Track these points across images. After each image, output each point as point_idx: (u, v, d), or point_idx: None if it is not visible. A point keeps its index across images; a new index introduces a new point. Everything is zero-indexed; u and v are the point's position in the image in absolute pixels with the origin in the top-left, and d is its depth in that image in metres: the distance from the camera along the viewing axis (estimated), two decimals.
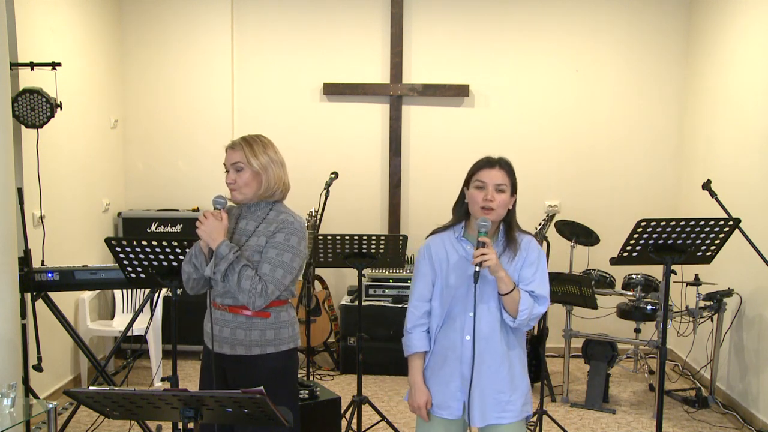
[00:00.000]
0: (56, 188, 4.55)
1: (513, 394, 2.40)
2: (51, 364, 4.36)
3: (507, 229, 2.42)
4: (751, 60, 4.61)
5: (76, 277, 3.78)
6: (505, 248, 2.39)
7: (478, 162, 2.44)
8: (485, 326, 2.36)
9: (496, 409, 2.38)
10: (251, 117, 5.78)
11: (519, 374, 2.43)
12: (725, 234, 3.16)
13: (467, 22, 5.71)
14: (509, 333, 2.40)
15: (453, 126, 5.78)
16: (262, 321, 2.55)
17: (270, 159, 2.57)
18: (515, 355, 2.42)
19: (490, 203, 2.34)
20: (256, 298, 2.44)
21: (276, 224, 2.54)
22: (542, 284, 2.39)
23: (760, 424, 4.20)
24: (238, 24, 5.74)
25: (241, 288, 2.44)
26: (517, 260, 2.39)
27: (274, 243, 2.50)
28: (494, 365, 2.38)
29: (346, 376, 5.16)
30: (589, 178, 5.77)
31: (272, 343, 2.57)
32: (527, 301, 2.33)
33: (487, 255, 2.24)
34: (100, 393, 1.84)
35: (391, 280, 5.35)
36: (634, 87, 5.72)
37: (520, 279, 2.38)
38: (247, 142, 2.56)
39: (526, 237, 2.44)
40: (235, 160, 2.54)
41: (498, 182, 2.36)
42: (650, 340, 4.61)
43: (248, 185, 2.54)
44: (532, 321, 2.38)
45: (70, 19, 4.85)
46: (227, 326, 2.56)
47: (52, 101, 3.99)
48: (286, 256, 2.50)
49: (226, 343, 2.56)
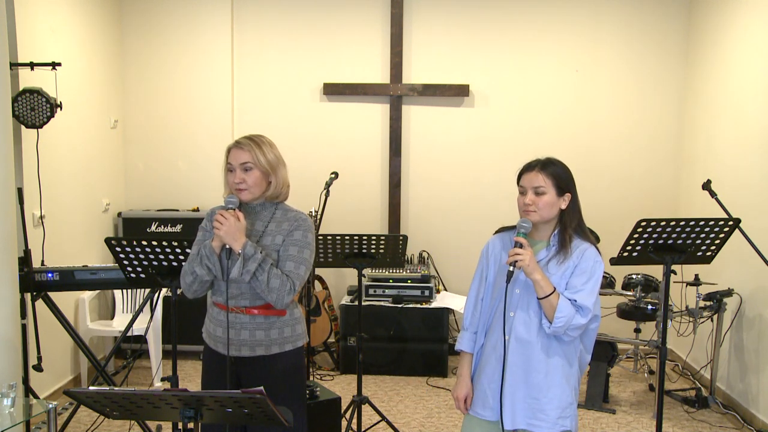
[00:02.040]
0: (56, 188, 4.55)
1: (547, 403, 2.36)
2: (51, 364, 4.36)
3: (561, 231, 2.40)
4: (751, 60, 4.61)
5: (76, 277, 3.78)
6: (557, 252, 2.38)
7: (523, 165, 2.46)
8: (523, 329, 2.36)
9: (527, 414, 2.36)
10: (251, 117, 5.78)
11: (558, 385, 2.36)
12: (725, 234, 3.16)
13: (467, 22, 5.71)
14: (551, 340, 2.36)
15: (453, 126, 5.77)
16: (279, 319, 2.55)
17: (277, 159, 2.57)
18: (556, 364, 2.36)
19: (528, 207, 2.36)
20: (285, 296, 2.44)
21: (288, 222, 2.55)
22: (589, 296, 2.33)
23: (760, 424, 4.20)
24: (238, 24, 5.74)
25: (270, 287, 2.42)
26: (567, 266, 2.36)
27: (293, 240, 2.51)
28: (529, 369, 2.36)
29: (346, 376, 5.16)
30: (589, 178, 5.76)
31: (290, 340, 2.58)
32: (567, 308, 2.28)
33: (521, 255, 2.25)
34: (100, 393, 1.84)
35: (391, 280, 5.35)
36: (634, 87, 5.72)
37: (569, 286, 2.35)
38: (255, 142, 2.54)
39: (584, 245, 2.40)
40: (244, 160, 2.51)
41: (536, 185, 2.36)
42: (650, 340, 4.61)
43: (258, 185, 2.53)
44: (572, 331, 2.31)
45: (70, 19, 4.85)
46: (245, 328, 2.53)
47: (52, 101, 3.99)
48: (305, 252, 2.52)
49: (244, 345, 2.53)
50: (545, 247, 2.40)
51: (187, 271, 2.54)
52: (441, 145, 5.77)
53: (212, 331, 2.60)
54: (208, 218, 2.64)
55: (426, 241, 5.59)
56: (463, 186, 5.73)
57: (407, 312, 5.13)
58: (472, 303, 2.52)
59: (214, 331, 2.58)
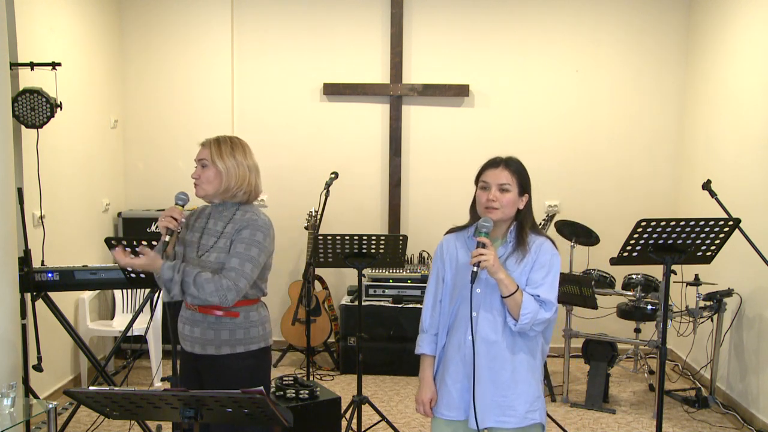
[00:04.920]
0: (56, 188, 4.55)
1: (515, 399, 2.36)
2: (51, 364, 4.36)
3: (518, 229, 2.39)
4: (751, 60, 4.61)
5: (76, 277, 3.78)
6: (513, 250, 2.37)
7: (486, 162, 2.44)
8: (488, 328, 2.35)
9: (497, 411, 2.36)
10: (251, 117, 5.78)
11: (524, 380, 2.37)
12: (725, 234, 3.16)
13: (467, 22, 5.71)
14: (516, 337, 2.36)
15: (453, 126, 5.77)
16: (231, 321, 2.59)
17: (236, 161, 2.61)
18: (521, 360, 2.37)
19: (492, 203, 2.33)
20: (226, 294, 2.47)
21: (241, 223, 2.59)
22: (550, 289, 2.34)
23: (760, 424, 4.20)
24: (238, 24, 5.74)
25: (207, 292, 2.47)
26: (526, 263, 2.35)
27: (240, 239, 2.56)
28: (496, 368, 2.36)
29: (346, 376, 5.16)
30: (589, 178, 5.77)
31: (242, 342, 2.61)
32: (531, 305, 2.29)
33: (485, 255, 2.23)
34: (100, 393, 1.84)
35: (391, 280, 5.35)
36: (634, 87, 5.72)
37: (529, 282, 2.34)
38: (216, 142, 2.64)
39: (540, 239, 2.40)
40: (201, 157, 2.62)
41: (501, 182, 2.35)
42: (650, 340, 4.61)
43: (210, 182, 2.60)
44: (537, 326, 2.32)
45: (69, 19, 4.85)
46: (198, 326, 2.60)
47: (52, 101, 3.99)
48: (253, 250, 2.55)
49: (197, 342, 2.61)
50: (502, 245, 2.39)
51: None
52: (441, 145, 5.77)
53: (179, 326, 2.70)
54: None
55: (426, 241, 5.58)
56: (463, 186, 5.67)
57: (407, 312, 5.13)
58: (430, 305, 2.50)
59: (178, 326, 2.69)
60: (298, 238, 5.69)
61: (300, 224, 5.56)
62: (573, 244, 4.96)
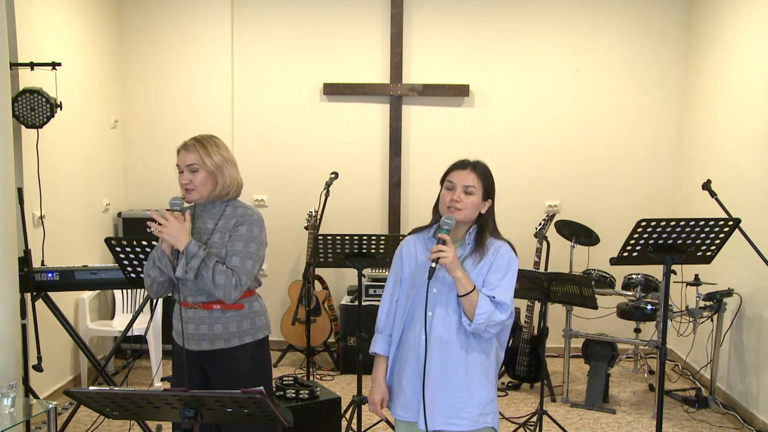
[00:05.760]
0: (56, 188, 4.55)
1: (468, 400, 2.34)
2: (51, 364, 4.36)
3: (478, 232, 2.39)
4: (751, 60, 4.61)
5: (76, 277, 3.78)
6: (471, 251, 2.37)
7: (453, 163, 2.44)
8: (442, 327, 2.33)
9: (448, 414, 2.33)
10: (251, 117, 5.78)
11: (478, 381, 2.35)
12: (725, 234, 3.16)
13: (467, 22, 5.71)
14: (470, 337, 2.35)
15: (453, 126, 5.77)
16: (236, 313, 2.62)
17: (224, 158, 2.62)
18: (475, 360, 2.35)
19: (455, 204, 2.34)
20: (231, 291, 2.49)
21: (235, 218, 2.60)
22: (506, 292, 2.33)
23: (760, 424, 4.20)
24: (238, 24, 5.74)
25: (216, 283, 2.47)
26: (483, 264, 2.35)
27: (238, 235, 2.56)
28: (449, 368, 2.33)
29: (346, 376, 5.16)
30: (589, 178, 5.77)
31: (249, 332, 2.64)
32: (486, 305, 2.28)
33: (444, 252, 2.23)
34: (100, 393, 1.84)
35: None
36: (634, 87, 5.72)
37: (486, 283, 2.34)
38: (200, 143, 2.62)
39: (498, 242, 2.40)
40: (189, 162, 2.58)
41: (467, 184, 2.36)
42: (650, 340, 4.61)
43: (204, 185, 2.59)
44: (492, 327, 2.31)
45: (69, 19, 4.85)
46: (203, 323, 2.60)
47: (52, 101, 3.99)
48: (252, 246, 2.56)
49: (204, 339, 2.60)
50: (460, 246, 2.39)
51: (145, 274, 2.62)
52: (441, 145, 5.77)
53: (176, 327, 2.66)
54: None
55: None
56: None
57: None
58: (386, 305, 2.49)
59: (177, 326, 2.65)
60: (298, 238, 5.69)
61: (300, 224, 5.56)
62: (573, 244, 4.96)
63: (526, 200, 5.69)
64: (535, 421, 3.89)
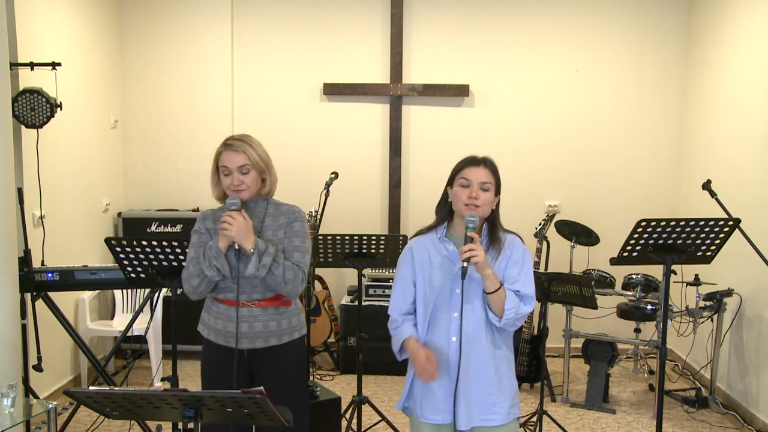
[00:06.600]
0: (56, 188, 4.55)
1: (500, 395, 2.36)
2: (51, 364, 4.36)
3: (491, 228, 2.40)
4: (751, 60, 4.61)
5: (76, 277, 3.78)
6: (488, 247, 2.37)
7: (463, 160, 2.44)
8: (470, 326, 2.33)
9: (483, 410, 2.34)
10: (251, 117, 5.78)
11: (506, 375, 2.39)
12: (725, 234, 3.16)
13: (467, 22, 5.71)
14: (495, 333, 2.37)
15: (453, 126, 5.77)
16: (287, 309, 2.66)
17: (268, 156, 2.67)
18: (502, 356, 2.39)
19: (475, 201, 2.32)
20: (298, 286, 2.55)
21: (285, 215, 2.64)
22: (527, 283, 2.36)
23: (760, 424, 4.20)
24: (238, 24, 5.74)
25: (286, 279, 2.50)
26: (501, 259, 2.36)
27: (294, 232, 2.61)
28: (480, 366, 2.34)
29: (346, 376, 5.16)
30: (589, 178, 5.77)
31: (297, 328, 2.70)
32: (513, 300, 2.30)
33: (475, 251, 2.22)
34: (100, 393, 1.84)
35: (391, 280, 5.30)
36: (634, 87, 5.72)
37: (505, 278, 2.35)
38: (247, 143, 2.61)
39: (510, 236, 2.42)
40: (241, 163, 2.57)
41: (483, 180, 2.35)
42: (650, 340, 4.61)
43: (255, 183, 2.61)
44: (519, 321, 2.34)
45: (69, 19, 4.85)
46: (258, 320, 2.60)
47: (52, 101, 3.99)
48: (307, 242, 2.63)
49: (258, 337, 2.60)
50: None
51: (193, 274, 2.55)
52: (441, 145, 5.77)
53: (221, 327, 2.61)
54: (202, 221, 2.67)
55: None
56: None
57: None
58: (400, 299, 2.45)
59: (224, 327, 2.60)
60: None
61: None
62: (573, 244, 4.96)
63: (526, 200, 5.69)
64: (535, 421, 3.89)
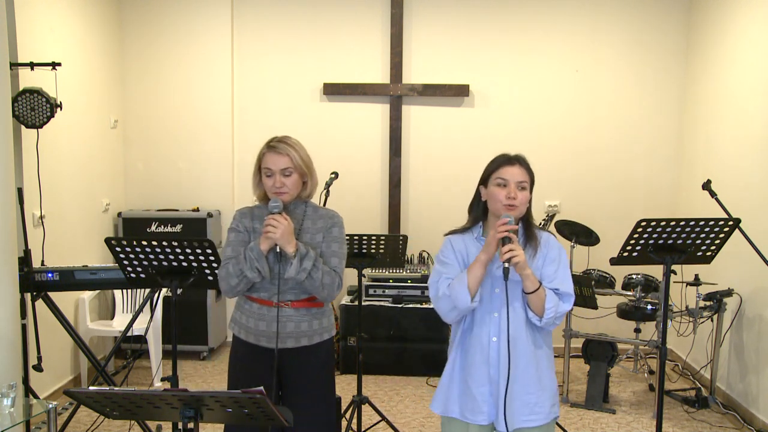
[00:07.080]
0: (56, 188, 4.55)
1: (541, 395, 2.34)
2: (51, 364, 4.36)
3: (527, 226, 2.38)
4: (751, 60, 4.61)
5: (76, 277, 3.78)
6: (525, 246, 2.35)
7: (497, 159, 2.41)
8: (511, 326, 2.30)
9: (525, 411, 2.32)
10: (251, 117, 5.78)
11: (546, 374, 2.37)
12: (725, 234, 3.16)
13: (467, 22, 5.71)
14: (536, 332, 2.35)
15: (453, 126, 5.77)
16: (319, 310, 2.69)
17: (310, 159, 2.72)
18: (542, 355, 2.37)
19: (513, 201, 2.30)
20: (335, 291, 2.58)
21: (323, 220, 2.68)
22: (565, 281, 2.34)
23: (760, 424, 4.20)
24: (238, 24, 5.74)
25: (324, 284, 2.53)
26: (538, 258, 2.34)
27: (333, 237, 2.66)
28: (522, 366, 2.32)
29: (346, 376, 5.16)
30: (589, 178, 5.77)
31: (327, 329, 2.72)
32: (553, 299, 2.28)
33: (516, 251, 2.20)
34: (100, 393, 1.84)
35: (391, 280, 5.35)
36: (634, 87, 5.72)
37: (543, 277, 2.33)
38: (290, 146, 2.66)
39: (545, 234, 2.41)
40: (284, 166, 2.61)
41: (519, 179, 2.33)
42: (650, 340, 4.61)
43: (296, 187, 2.65)
44: (558, 319, 2.32)
45: (69, 19, 4.85)
46: (291, 321, 2.63)
47: (52, 101, 3.99)
48: (344, 248, 2.68)
49: (290, 337, 2.63)
50: None
51: (232, 274, 2.56)
52: (441, 145, 5.77)
53: (252, 325, 2.65)
54: (239, 220, 2.70)
55: (426, 241, 5.58)
56: (464, 186, 5.69)
57: (407, 312, 5.13)
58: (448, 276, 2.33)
59: (256, 325, 2.64)
60: None
61: None
62: (573, 244, 4.96)
63: None
64: None
